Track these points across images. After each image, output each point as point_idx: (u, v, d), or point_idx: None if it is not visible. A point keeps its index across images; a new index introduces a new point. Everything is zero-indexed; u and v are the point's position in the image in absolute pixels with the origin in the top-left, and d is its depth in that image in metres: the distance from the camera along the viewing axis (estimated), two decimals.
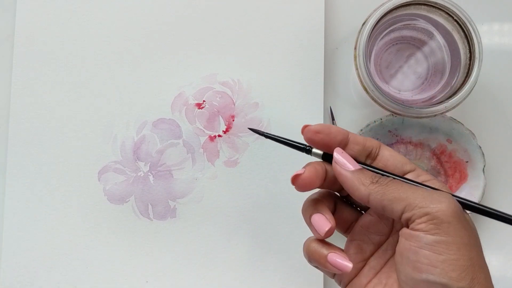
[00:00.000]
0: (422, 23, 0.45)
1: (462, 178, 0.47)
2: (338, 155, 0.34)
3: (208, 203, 0.47)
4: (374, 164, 0.35)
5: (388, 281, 0.34)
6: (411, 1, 0.42)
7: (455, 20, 0.43)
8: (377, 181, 0.33)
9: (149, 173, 0.47)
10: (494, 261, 0.48)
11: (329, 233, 0.33)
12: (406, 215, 0.31)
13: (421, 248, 0.30)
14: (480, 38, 0.42)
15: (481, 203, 0.47)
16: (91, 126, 0.48)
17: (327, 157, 0.35)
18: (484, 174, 0.46)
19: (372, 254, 0.36)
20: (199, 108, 0.48)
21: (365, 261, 0.35)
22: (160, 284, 0.47)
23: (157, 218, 0.47)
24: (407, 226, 0.31)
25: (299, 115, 0.48)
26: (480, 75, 0.42)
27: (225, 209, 0.47)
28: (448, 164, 0.48)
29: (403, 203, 0.31)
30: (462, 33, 0.43)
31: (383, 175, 0.34)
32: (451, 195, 0.32)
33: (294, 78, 0.48)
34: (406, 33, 0.47)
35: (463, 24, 0.42)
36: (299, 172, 0.34)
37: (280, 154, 0.48)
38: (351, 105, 0.49)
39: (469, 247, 0.30)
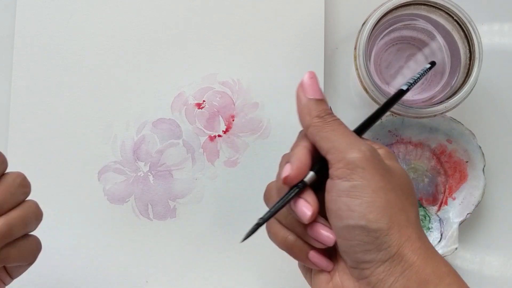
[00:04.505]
0: (422, 23, 0.45)
1: (462, 178, 0.47)
2: (307, 79, 0.34)
3: (208, 203, 0.47)
4: None
5: None
6: (411, 1, 0.42)
7: (455, 20, 0.43)
8: (323, 116, 0.33)
9: (149, 173, 0.47)
10: (494, 261, 0.48)
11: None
12: (328, 157, 0.32)
13: (340, 196, 0.30)
14: (480, 38, 0.42)
15: (481, 203, 0.47)
16: (91, 126, 0.48)
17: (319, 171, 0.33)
18: (484, 174, 0.46)
19: None
20: (199, 108, 0.48)
21: None
22: (160, 284, 0.47)
23: (157, 218, 0.47)
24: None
25: None
26: (480, 75, 0.42)
27: (225, 209, 0.47)
28: (448, 164, 0.48)
29: (330, 144, 0.32)
30: (462, 33, 0.43)
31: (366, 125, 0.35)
32: (371, 143, 0.32)
33: (294, 78, 0.48)
34: (406, 33, 0.47)
35: (463, 24, 0.42)
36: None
37: (280, 154, 0.48)
38: (351, 105, 0.49)
39: (385, 190, 0.30)
